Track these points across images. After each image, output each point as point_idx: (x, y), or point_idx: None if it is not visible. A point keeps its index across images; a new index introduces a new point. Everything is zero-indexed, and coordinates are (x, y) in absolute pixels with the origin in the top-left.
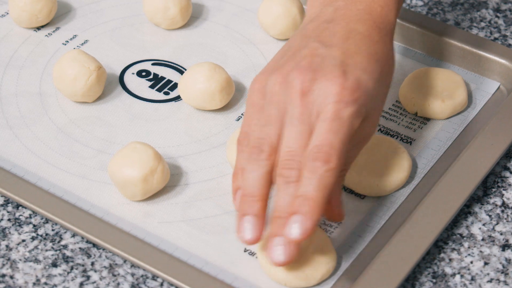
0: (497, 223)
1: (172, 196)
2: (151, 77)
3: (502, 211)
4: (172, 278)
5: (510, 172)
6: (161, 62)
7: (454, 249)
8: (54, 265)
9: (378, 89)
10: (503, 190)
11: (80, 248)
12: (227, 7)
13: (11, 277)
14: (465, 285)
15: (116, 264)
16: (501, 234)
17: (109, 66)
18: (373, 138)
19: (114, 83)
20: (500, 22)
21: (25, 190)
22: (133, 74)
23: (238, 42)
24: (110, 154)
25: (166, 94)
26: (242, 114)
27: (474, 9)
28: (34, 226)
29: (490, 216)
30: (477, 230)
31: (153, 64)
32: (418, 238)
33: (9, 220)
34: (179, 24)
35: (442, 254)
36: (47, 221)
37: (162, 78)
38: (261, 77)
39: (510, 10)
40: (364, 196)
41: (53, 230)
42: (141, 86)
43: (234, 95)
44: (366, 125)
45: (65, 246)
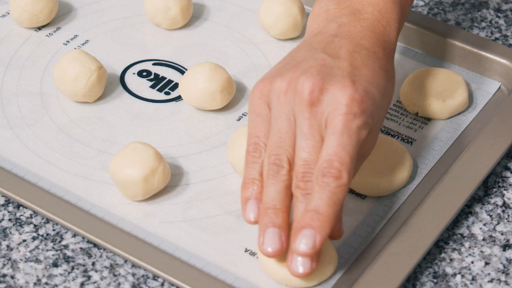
0: (498, 223)
1: (173, 196)
2: (152, 77)
3: (503, 211)
4: (173, 278)
5: (511, 172)
6: (162, 62)
7: (455, 249)
8: (55, 265)
9: (382, 102)
10: (504, 190)
11: (81, 248)
12: (228, 7)
13: (12, 277)
14: (466, 285)
15: (117, 264)
16: (502, 234)
17: (110, 66)
18: None
19: (115, 83)
20: (501, 22)
21: (26, 190)
22: (134, 74)
23: (239, 42)
24: (111, 154)
25: (167, 94)
26: (243, 114)
27: (475, 9)
28: (35, 226)
29: (491, 216)
30: (478, 230)
31: (154, 64)
32: (418, 238)
33: (10, 220)
34: (180, 24)
35: (443, 254)
36: (48, 221)
37: (163, 78)
38: (261, 83)
39: (511, 10)
40: (364, 196)
41: (54, 230)
42: (142, 86)
43: (235, 95)
44: (368, 138)
45: (66, 246)
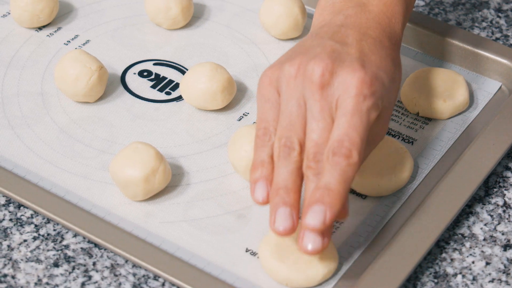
0: (498, 223)
1: (173, 196)
2: (153, 77)
3: (504, 211)
4: (173, 278)
5: None
6: (162, 62)
7: (455, 249)
8: (56, 265)
9: (391, 87)
10: (505, 190)
11: (81, 248)
12: (229, 7)
13: (13, 277)
14: (466, 285)
15: (117, 264)
16: (502, 234)
17: (110, 66)
18: None
19: (115, 83)
20: (501, 22)
21: (26, 190)
22: (134, 74)
23: (239, 42)
24: (112, 154)
25: (168, 94)
26: (243, 114)
27: (475, 9)
28: (36, 226)
29: (491, 216)
30: (478, 230)
31: (154, 64)
32: (419, 238)
33: (10, 220)
34: (181, 24)
35: (443, 254)
36: (49, 221)
37: (164, 78)
38: (270, 70)
39: (511, 10)
40: (365, 196)
41: (54, 230)
42: (142, 86)
43: (235, 95)
44: (379, 122)
45: (66, 246)
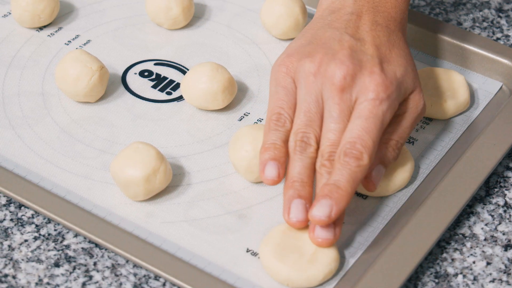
0: (499, 223)
1: (174, 196)
2: (154, 77)
3: (505, 211)
4: (174, 278)
5: None
6: (163, 62)
7: (456, 249)
8: (57, 265)
9: (407, 72)
10: (506, 190)
11: (82, 248)
12: (229, 7)
13: (14, 277)
14: (467, 285)
15: (118, 264)
16: (503, 234)
17: (111, 66)
18: None
19: (116, 83)
20: (502, 22)
21: (27, 190)
22: (135, 74)
23: (240, 42)
24: (113, 154)
25: (169, 94)
26: (244, 114)
27: (476, 9)
28: (37, 226)
29: (492, 216)
30: (479, 230)
31: (155, 64)
32: (420, 238)
33: (11, 220)
34: (182, 24)
35: (444, 254)
36: (50, 221)
37: (165, 78)
38: (288, 60)
39: None
40: (366, 196)
41: (55, 230)
42: (143, 86)
43: (236, 95)
44: (411, 101)
45: (67, 246)
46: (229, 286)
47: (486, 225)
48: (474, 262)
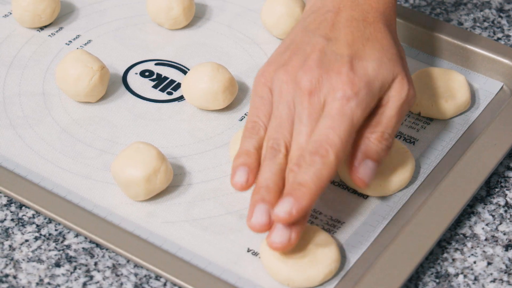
0: (500, 223)
1: (175, 196)
2: (154, 77)
3: (505, 211)
4: (175, 278)
5: None
6: (164, 62)
7: (457, 249)
8: (57, 265)
9: (381, 64)
10: (506, 190)
11: (83, 248)
12: (230, 7)
13: (14, 277)
14: (468, 285)
15: (119, 264)
16: (504, 234)
17: (112, 66)
18: None
19: (117, 83)
20: (503, 22)
21: (28, 190)
22: (136, 74)
23: (241, 42)
24: (113, 154)
25: (169, 94)
26: (245, 114)
27: (477, 9)
28: (37, 226)
29: (493, 216)
30: (480, 230)
31: (156, 64)
32: (421, 238)
33: (12, 220)
34: (182, 24)
35: (445, 254)
36: (50, 221)
37: (165, 78)
38: (266, 70)
39: None
40: (367, 196)
41: (56, 230)
42: (144, 86)
43: (237, 95)
44: (393, 90)
45: (68, 246)
46: (230, 286)
47: (487, 225)
48: (475, 262)
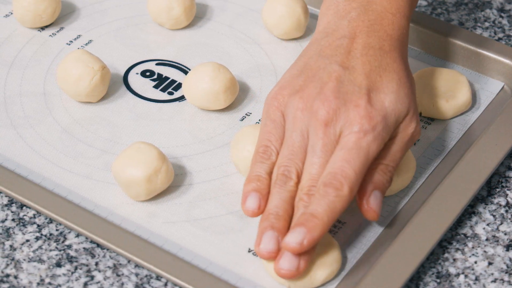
0: (501, 223)
1: (176, 196)
2: (155, 77)
3: (506, 211)
4: (176, 278)
5: None
6: (165, 62)
7: (458, 249)
8: (58, 265)
9: (398, 98)
10: (507, 190)
11: (84, 248)
12: (231, 7)
13: (15, 277)
14: (469, 285)
15: (120, 264)
16: (505, 234)
17: (113, 66)
18: None
19: (118, 83)
20: (504, 22)
21: (29, 190)
22: (137, 74)
23: (242, 42)
24: (114, 154)
25: (170, 94)
26: (246, 114)
27: (478, 9)
28: (38, 226)
29: (494, 216)
30: (481, 230)
31: (157, 64)
32: (422, 238)
33: (13, 220)
34: (183, 24)
35: (446, 254)
36: (51, 221)
37: (166, 78)
38: (280, 94)
39: None
40: None
41: (57, 230)
42: (145, 86)
43: (238, 95)
44: (402, 125)
45: (69, 246)
46: (230, 286)
47: (487, 225)
48: (475, 262)
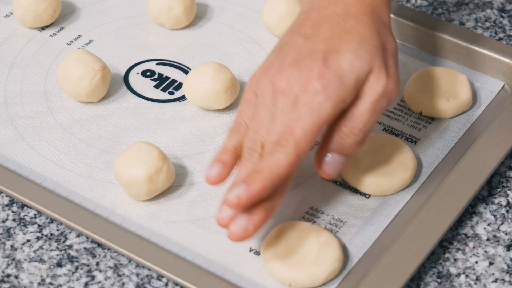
0: (502, 223)
1: (177, 195)
2: (156, 77)
3: (507, 211)
4: (177, 277)
5: None
6: (165, 62)
7: (459, 249)
8: (59, 265)
9: (357, 56)
10: (508, 190)
11: (85, 248)
12: (231, 7)
13: (16, 277)
14: (470, 285)
15: (121, 264)
16: (506, 234)
17: (113, 66)
18: (377, 137)
19: (118, 83)
20: (505, 22)
21: (30, 190)
22: (137, 74)
23: (242, 42)
24: (115, 154)
25: (171, 94)
26: None
27: (479, 9)
28: (39, 226)
29: (495, 216)
30: (482, 230)
31: (157, 64)
32: (423, 238)
33: (14, 220)
34: (184, 24)
35: (447, 254)
36: (52, 221)
37: (167, 78)
38: (254, 75)
39: None
40: (369, 195)
41: (58, 230)
42: (145, 86)
43: (239, 95)
44: (368, 84)
45: (70, 246)
46: (232, 286)
47: (488, 225)
48: (476, 262)
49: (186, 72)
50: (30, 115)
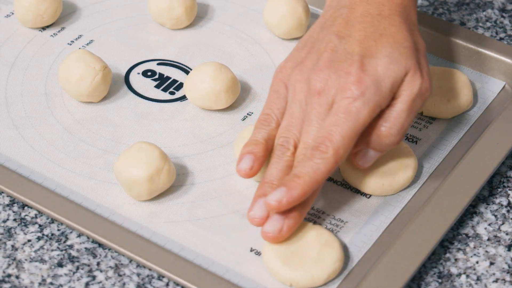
0: (502, 223)
1: (178, 196)
2: (157, 77)
3: (508, 211)
4: (178, 277)
5: None
6: (166, 62)
7: (459, 249)
8: (60, 265)
9: (392, 60)
10: (509, 190)
11: (85, 248)
12: (232, 7)
13: (17, 277)
14: (470, 285)
15: (121, 264)
16: (506, 234)
17: (114, 66)
18: None
19: (119, 83)
20: (505, 22)
21: (30, 190)
22: (138, 74)
23: (243, 42)
24: (116, 154)
25: (172, 94)
26: (247, 114)
27: (479, 9)
28: (40, 226)
29: (495, 216)
30: (482, 230)
31: (158, 64)
32: (423, 238)
33: (14, 220)
34: (184, 24)
35: (447, 254)
36: (53, 221)
37: (168, 78)
38: (284, 66)
39: None
40: (370, 195)
41: (58, 230)
42: (146, 86)
43: (239, 95)
44: (404, 84)
45: (70, 246)
46: (232, 286)
47: (489, 225)
48: (477, 262)
49: (187, 72)
50: (31, 115)
